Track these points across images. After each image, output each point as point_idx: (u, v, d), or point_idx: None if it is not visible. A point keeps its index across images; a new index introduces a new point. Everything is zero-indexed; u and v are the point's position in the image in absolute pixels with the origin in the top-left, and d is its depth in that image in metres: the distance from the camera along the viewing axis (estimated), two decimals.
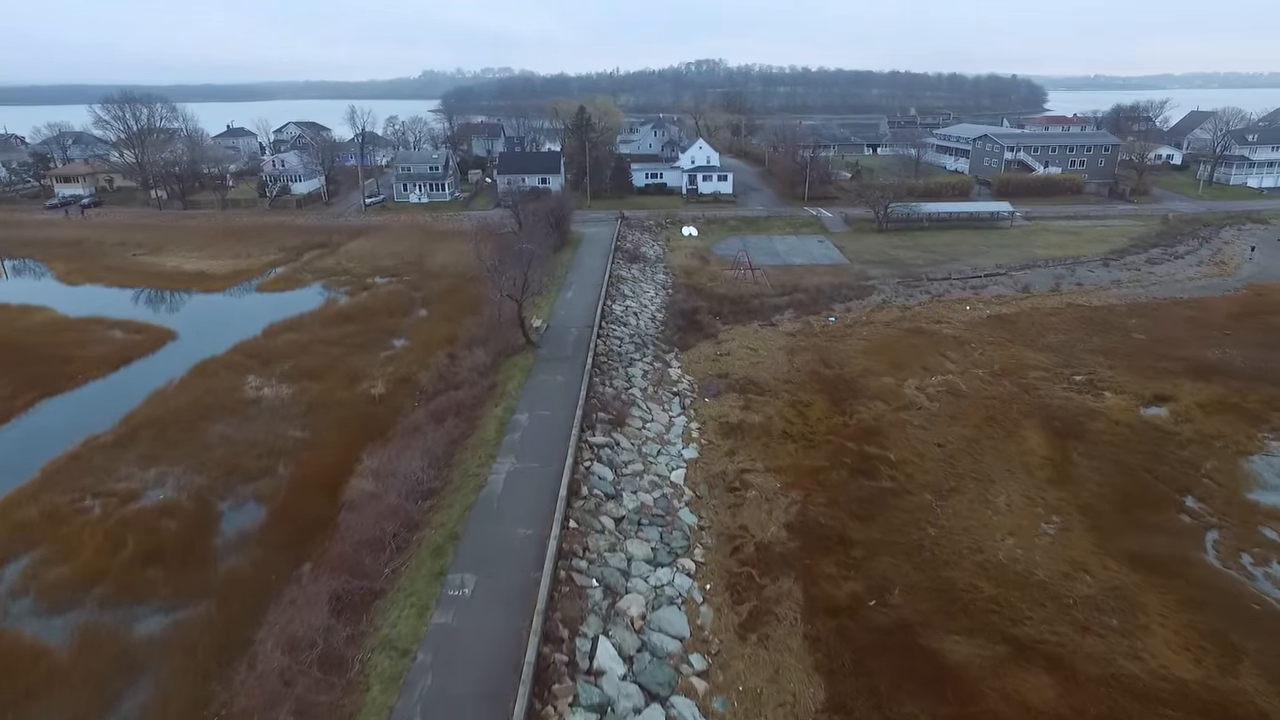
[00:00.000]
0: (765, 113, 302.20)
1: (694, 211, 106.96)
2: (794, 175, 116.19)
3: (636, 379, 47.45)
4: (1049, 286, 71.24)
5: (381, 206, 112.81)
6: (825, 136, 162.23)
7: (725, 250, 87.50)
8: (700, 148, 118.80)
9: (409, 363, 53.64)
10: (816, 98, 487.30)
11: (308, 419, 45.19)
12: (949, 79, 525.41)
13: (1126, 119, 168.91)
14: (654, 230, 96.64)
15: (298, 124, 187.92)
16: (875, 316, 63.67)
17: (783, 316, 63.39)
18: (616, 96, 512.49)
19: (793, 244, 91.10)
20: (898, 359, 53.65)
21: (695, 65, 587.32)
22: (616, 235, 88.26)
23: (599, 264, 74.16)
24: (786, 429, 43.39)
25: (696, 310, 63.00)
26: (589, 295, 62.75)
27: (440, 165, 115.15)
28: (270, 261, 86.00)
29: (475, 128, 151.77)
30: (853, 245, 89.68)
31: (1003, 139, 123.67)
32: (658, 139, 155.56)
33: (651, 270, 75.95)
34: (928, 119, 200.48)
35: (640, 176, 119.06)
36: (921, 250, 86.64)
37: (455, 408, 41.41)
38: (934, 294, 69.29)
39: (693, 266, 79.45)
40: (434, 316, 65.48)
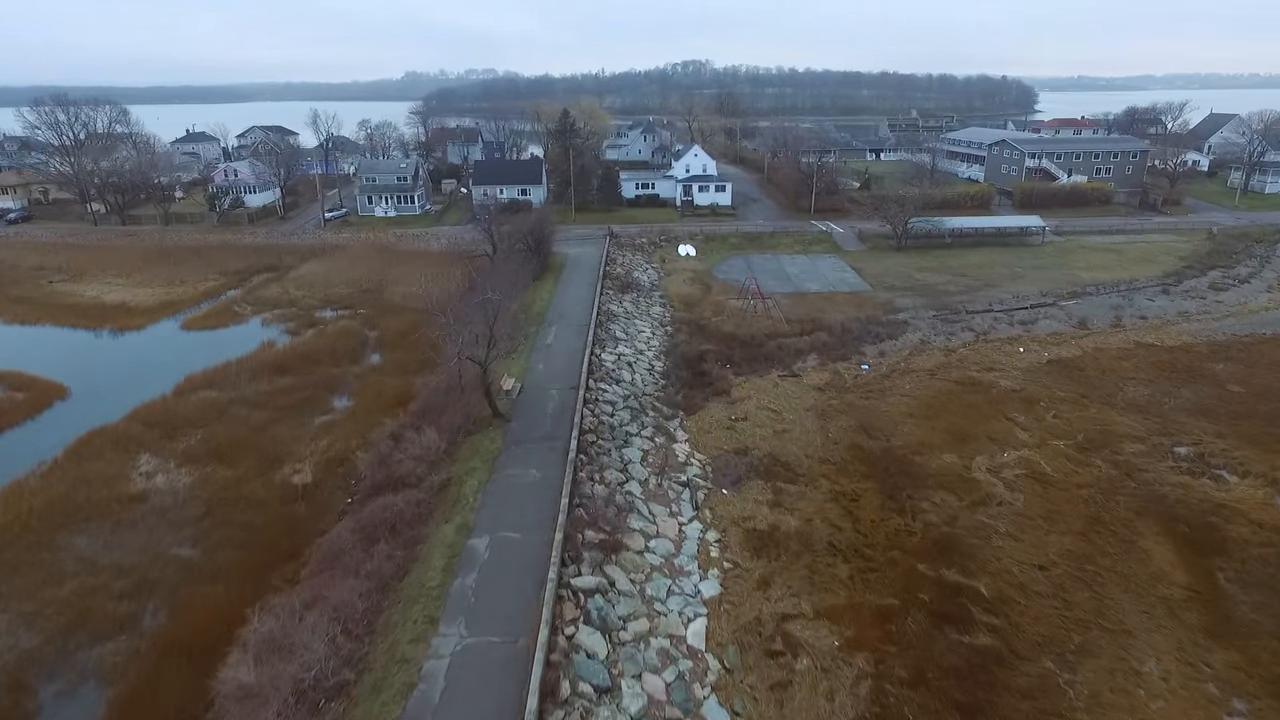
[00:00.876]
0: (756, 114, 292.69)
1: (690, 226, 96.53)
2: (798, 185, 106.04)
3: (634, 465, 36.86)
4: (1109, 320, 61.32)
5: (343, 222, 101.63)
6: (825, 140, 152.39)
7: (728, 273, 77.09)
8: (695, 155, 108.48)
9: (347, 435, 42.81)
10: (806, 99, 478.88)
11: (203, 527, 34.34)
12: (939, 80, 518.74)
13: (1141, 121, 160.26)
14: (647, 250, 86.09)
15: (262, 128, 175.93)
16: (915, 362, 53.40)
17: (805, 363, 52.99)
18: (602, 98, 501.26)
19: (804, 265, 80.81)
20: (956, 425, 43.38)
21: (682, 66, 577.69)
22: (605, 257, 77.65)
23: (585, 295, 63.52)
24: (833, 538, 32.98)
25: (703, 357, 52.50)
26: (573, 340, 52.05)
27: (409, 175, 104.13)
28: (206, 290, 74.73)
29: (450, 133, 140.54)
30: (871, 267, 79.52)
31: (1023, 145, 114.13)
32: (648, 144, 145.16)
33: (646, 301, 65.37)
34: (930, 122, 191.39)
35: (630, 187, 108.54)
36: (950, 273, 76.61)
37: (392, 521, 30.68)
38: (978, 331, 59.13)
39: (693, 295, 68.96)
40: (388, 365, 54.62)
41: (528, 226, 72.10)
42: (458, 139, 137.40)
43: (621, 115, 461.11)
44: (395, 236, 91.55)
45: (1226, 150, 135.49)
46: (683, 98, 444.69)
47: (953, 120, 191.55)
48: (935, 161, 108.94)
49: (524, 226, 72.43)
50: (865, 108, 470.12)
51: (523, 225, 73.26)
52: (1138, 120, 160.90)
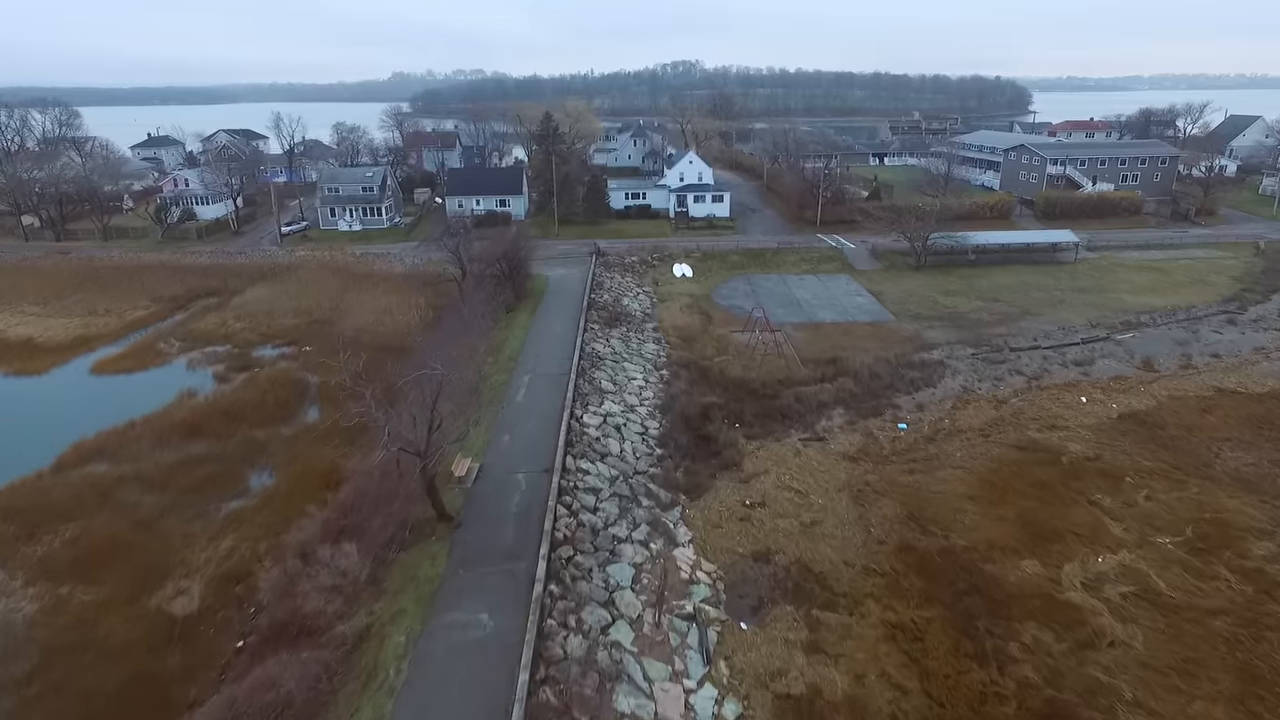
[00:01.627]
0: (748, 115, 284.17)
1: (685, 241, 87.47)
2: (802, 194, 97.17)
3: (623, 591, 27.72)
4: (1176, 359, 52.59)
5: (302, 237, 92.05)
6: (826, 144, 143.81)
7: (730, 298, 68.06)
8: (690, 162, 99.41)
9: (257, 533, 33.46)
10: (798, 100, 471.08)
11: (21, 699, 24.91)
12: (932, 80, 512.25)
13: (1158, 124, 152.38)
14: (638, 270, 76.90)
15: (228, 132, 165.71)
16: (962, 418, 44.47)
17: (831, 421, 43.97)
18: (591, 99, 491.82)
19: (814, 288, 71.87)
20: (1029, 513, 34.42)
21: (671, 66, 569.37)
22: (590, 280, 68.46)
23: (566, 331, 54.29)
24: (897, 709, 23.95)
25: (707, 414, 43.41)
26: (549, 395, 42.84)
27: (376, 185, 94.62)
28: (133, 321, 65.09)
29: (426, 137, 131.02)
30: (890, 289, 70.68)
31: (1044, 150, 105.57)
32: (638, 149, 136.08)
33: (638, 338, 56.18)
34: (933, 124, 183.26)
35: (619, 197, 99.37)
36: (980, 298, 67.87)
37: (278, 711, 21.37)
38: (1028, 375, 50.23)
39: (692, 327, 59.85)
40: (326, 425, 45.16)
41: (501, 248, 62.77)
42: (433, 144, 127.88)
43: (611, 117, 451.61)
44: (356, 255, 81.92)
45: (1253, 154, 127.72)
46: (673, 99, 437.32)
47: (956, 122, 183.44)
48: (950, 168, 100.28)
49: (497, 248, 63.08)
50: (859, 109, 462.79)
51: (496, 246, 63.89)
52: (1153, 122, 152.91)
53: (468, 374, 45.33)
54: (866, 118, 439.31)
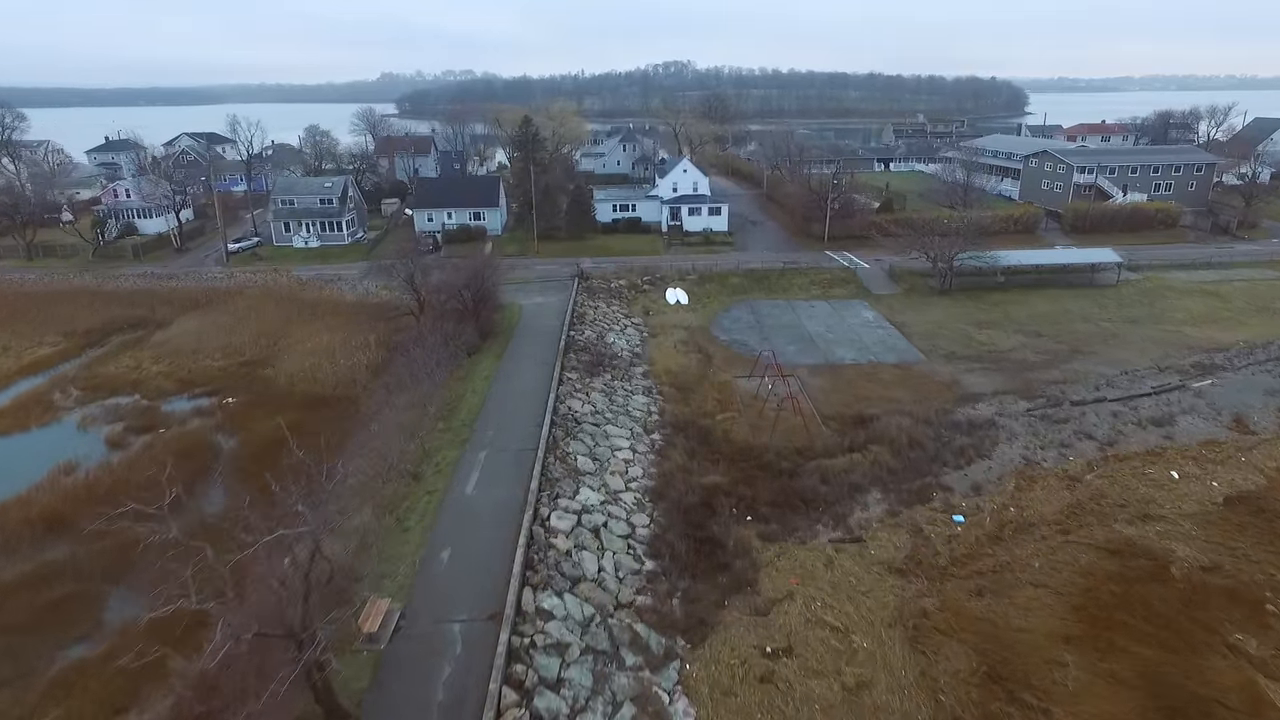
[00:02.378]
0: (742, 117, 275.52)
1: (680, 260, 78.24)
2: (808, 206, 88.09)
3: None
4: (1274, 416, 43.70)
5: (252, 255, 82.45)
6: (828, 149, 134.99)
7: (733, 331, 58.90)
8: (685, 170, 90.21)
9: (87, 710, 24.05)
10: (792, 101, 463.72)
11: None
12: (928, 81, 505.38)
13: (1177, 126, 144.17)
14: (625, 296, 67.64)
15: (191, 135, 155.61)
16: (1031, 503, 35.38)
17: (867, 510, 34.81)
18: (581, 100, 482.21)
19: (827, 317, 62.79)
20: (1153, 668, 25.31)
21: (663, 67, 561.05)
22: (571, 311, 59.16)
23: (538, 382, 44.96)
24: None
25: (710, 502, 34.24)
26: (507, 486, 33.47)
27: (335, 196, 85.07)
28: (32, 363, 55.49)
29: (398, 142, 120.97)
30: (915, 319, 61.70)
31: (1071, 157, 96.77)
32: (627, 154, 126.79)
33: (625, 387, 46.88)
34: (939, 127, 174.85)
35: (606, 210, 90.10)
36: (1020, 330, 58.93)
37: None
38: (1100, 439, 41.20)
39: (688, 372, 50.65)
40: (228, 515, 35.71)
41: (464, 277, 53.33)
42: (406, 149, 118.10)
43: (601, 118, 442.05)
44: (306, 278, 72.26)
45: None
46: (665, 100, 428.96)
47: (962, 125, 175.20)
48: (970, 177, 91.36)
49: (459, 276, 53.66)
50: (854, 110, 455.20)
51: (459, 275, 54.46)
52: (1172, 125, 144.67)
53: (405, 453, 35.98)
54: (862, 119, 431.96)
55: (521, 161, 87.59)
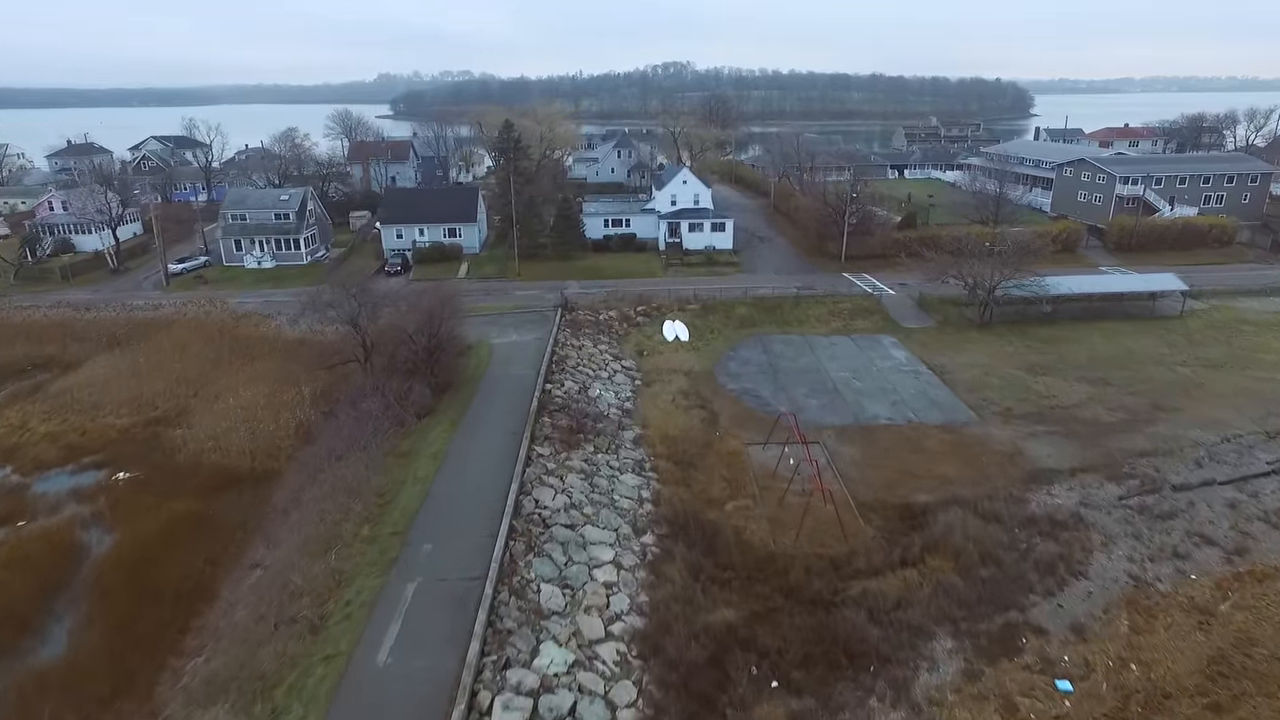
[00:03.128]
0: (743, 119, 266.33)
1: (679, 285, 68.95)
2: (823, 221, 78.75)
3: None
4: None
5: (196, 277, 73.09)
6: (839, 155, 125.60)
7: (742, 378, 49.56)
8: (684, 181, 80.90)
9: None
10: (793, 102, 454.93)
11: None
12: (931, 82, 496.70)
13: (1210, 130, 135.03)
14: (616, 331, 58.31)
15: (159, 139, 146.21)
16: (1155, 657, 25.96)
17: (934, 666, 25.47)
18: (579, 102, 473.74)
19: (852, 358, 53.48)
20: None
21: (662, 68, 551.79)
22: (550, 355, 49.75)
23: (498, 464, 35.46)
24: None
25: (720, 658, 24.93)
26: (436, 646, 23.88)
27: (292, 210, 75.69)
28: None
29: (373, 148, 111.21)
30: (955, 361, 52.44)
31: (1112, 166, 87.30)
32: (622, 161, 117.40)
33: (610, 465, 37.48)
34: (953, 131, 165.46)
35: (597, 225, 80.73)
36: (1081, 375, 49.65)
37: None
38: (1223, 546, 31.71)
39: (690, 436, 41.31)
40: (70, 673, 26.52)
41: (418, 319, 43.88)
42: (382, 155, 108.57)
43: (599, 120, 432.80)
44: (246, 309, 62.73)
45: None
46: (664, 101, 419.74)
47: (978, 129, 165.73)
48: (1003, 187, 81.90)
49: (414, 318, 44.21)
50: (857, 111, 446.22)
51: (414, 314, 45.01)
52: (1205, 129, 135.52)
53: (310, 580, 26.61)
54: (866, 121, 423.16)
55: (503, 170, 78.20)
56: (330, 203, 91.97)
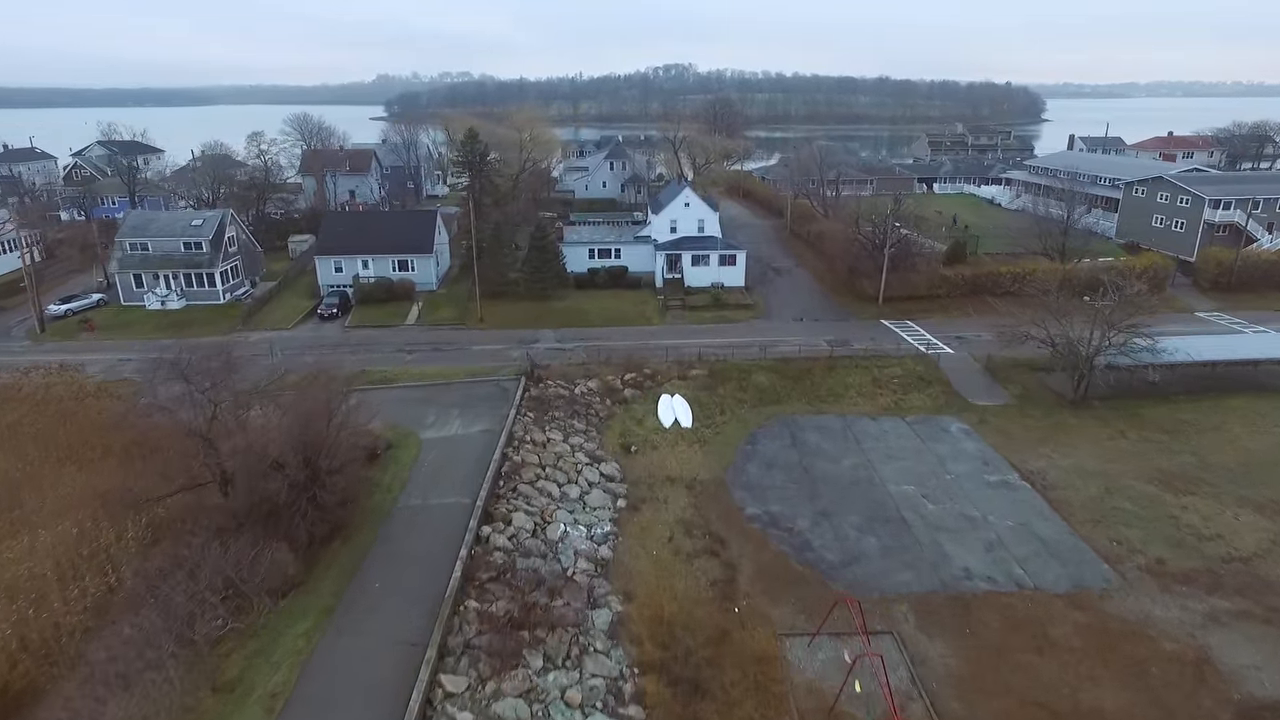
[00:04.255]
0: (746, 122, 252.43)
1: (680, 337, 54.85)
2: (854, 252, 64.64)
3: None
4: None
5: (81, 321, 58.96)
6: (860, 167, 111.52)
7: (764, 493, 35.30)
8: (686, 204, 66.82)
9: None
10: (798, 106, 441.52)
11: None
12: (940, 86, 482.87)
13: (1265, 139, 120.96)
14: (595, 413, 44.00)
15: (104, 143, 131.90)
16: None
17: None
18: (577, 104, 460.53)
19: (914, 457, 39.22)
20: None
21: (664, 70, 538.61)
22: (498, 464, 35.51)
23: (380, 703, 21.34)
24: None
25: None
26: None
27: (206, 238, 61.54)
28: None
29: (328, 157, 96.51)
30: (1058, 467, 38.24)
31: (1200, 187, 72.79)
32: (615, 174, 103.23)
33: (566, 695, 23.19)
34: (981, 139, 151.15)
35: (580, 256, 66.55)
36: (1237, 492, 35.53)
37: None
38: None
39: (694, 621, 27.13)
40: None
41: (289, 434, 29.48)
42: (337, 166, 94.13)
43: (598, 123, 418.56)
44: (106, 378, 48.22)
45: None
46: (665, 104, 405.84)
47: (1008, 137, 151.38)
48: (1072, 211, 67.59)
49: (280, 435, 29.83)
50: (864, 115, 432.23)
51: (289, 421, 30.63)
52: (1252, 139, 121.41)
53: None
54: (873, 125, 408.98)
55: (470, 191, 64.07)
56: (270, 223, 77.89)
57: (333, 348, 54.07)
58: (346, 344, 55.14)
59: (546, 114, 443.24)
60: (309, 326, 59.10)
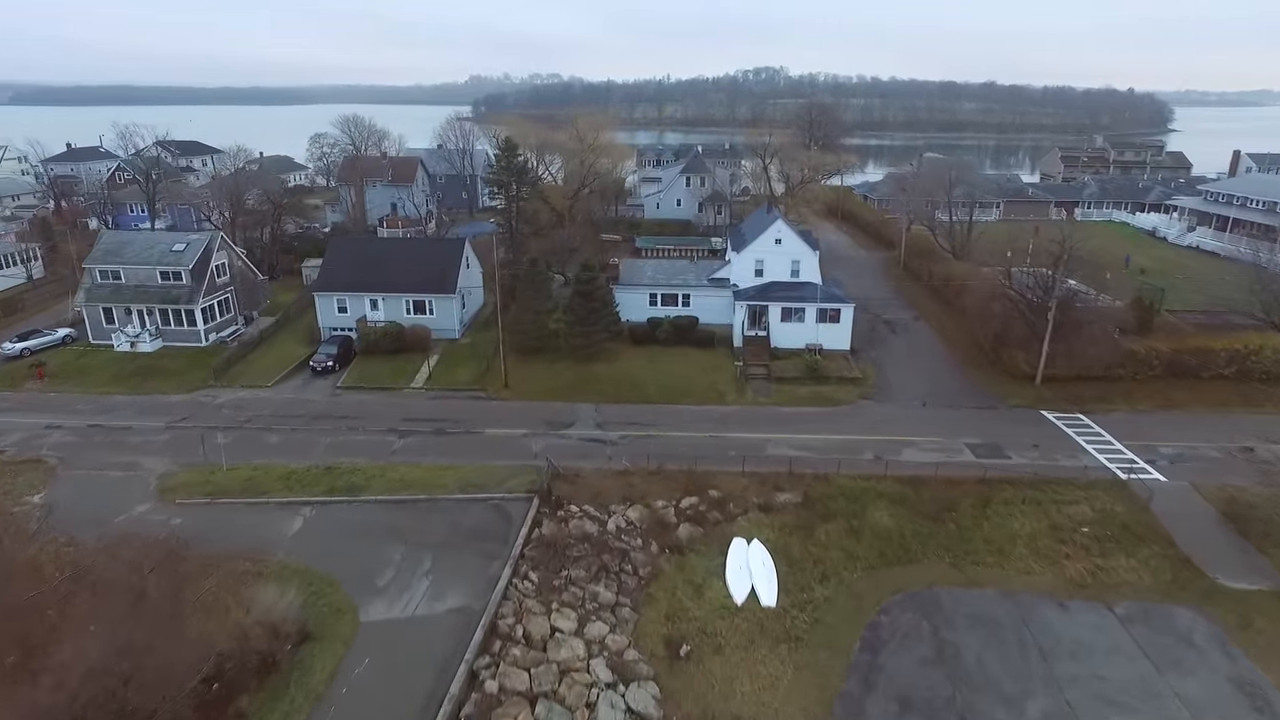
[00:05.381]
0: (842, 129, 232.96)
1: (763, 431, 40.12)
2: (1000, 313, 48.25)
3: None
4: None
5: (33, 365, 48.74)
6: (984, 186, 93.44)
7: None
8: (777, 240, 51.87)
9: None
10: (896, 111, 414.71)
11: None
12: (1056, 92, 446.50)
13: None
14: (633, 567, 29.75)
15: (164, 144, 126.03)
16: None
17: None
18: (662, 107, 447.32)
19: (1138, 701, 23.39)
20: None
21: (753, 73, 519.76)
22: (461, 691, 21.93)
23: None
24: None
25: None
26: None
27: (186, 267, 50.66)
28: None
29: (367, 165, 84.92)
30: None
31: None
32: (692, 191, 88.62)
33: None
34: (1125, 154, 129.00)
35: (639, 303, 52.57)
36: None
37: None
38: None
39: None
40: None
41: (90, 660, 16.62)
42: (380, 175, 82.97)
43: (683, 127, 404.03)
44: (27, 448, 37.23)
45: None
46: (754, 109, 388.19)
47: (1160, 152, 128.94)
48: None
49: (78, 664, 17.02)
50: (969, 123, 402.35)
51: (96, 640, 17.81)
52: None
53: None
54: (979, 134, 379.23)
55: (503, 214, 51.15)
56: (281, 245, 67.20)
57: (307, 422, 41.86)
58: (329, 414, 42.89)
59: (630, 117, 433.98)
60: (295, 384, 47.22)
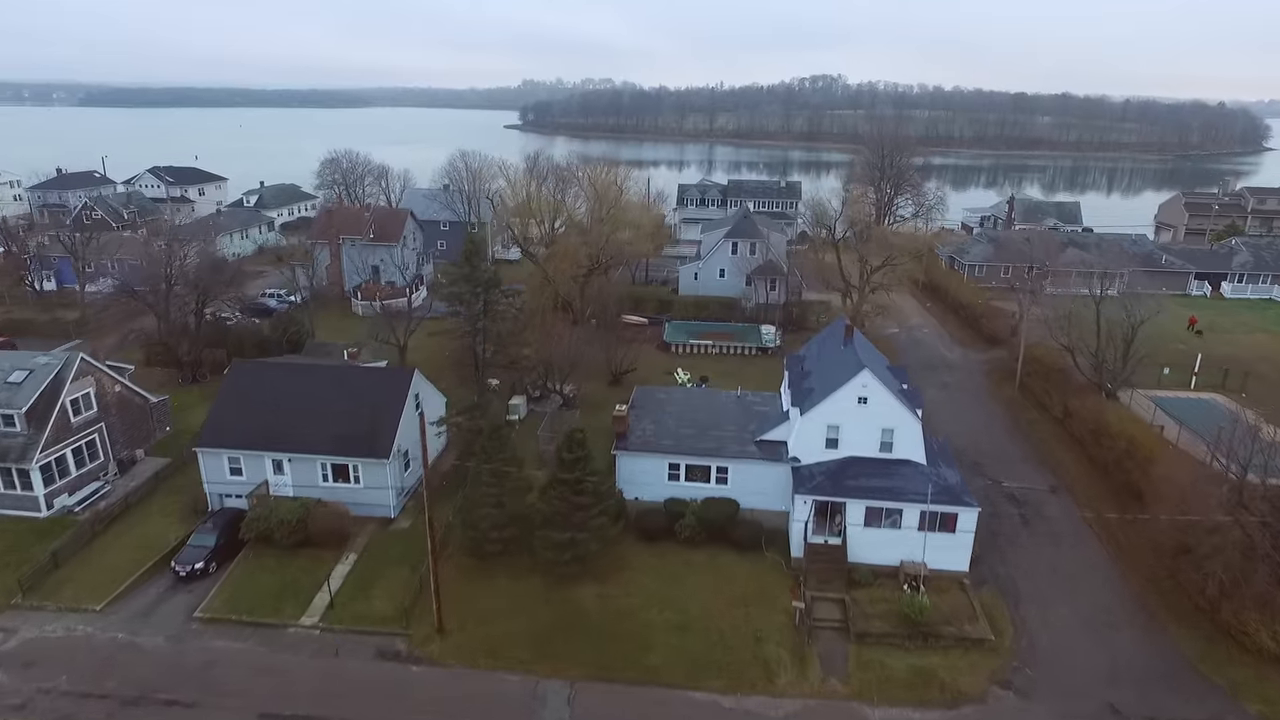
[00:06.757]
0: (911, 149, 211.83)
1: None
2: (1219, 548, 30.46)
3: None
4: None
5: None
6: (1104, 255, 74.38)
7: None
8: (861, 397, 34.76)
9: None
10: (964, 126, 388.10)
11: None
12: (1139, 106, 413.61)
13: None
14: None
15: (158, 171, 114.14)
16: None
17: None
18: (714, 118, 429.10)
19: None
20: None
21: (810, 81, 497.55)
22: None
23: None
24: None
25: None
26: None
27: (20, 410, 36.09)
28: None
29: (347, 219, 68.43)
30: None
31: None
32: (739, 261, 70.43)
33: None
34: (1266, 202, 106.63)
35: (655, 475, 36.18)
36: None
37: None
38: None
39: None
40: None
41: None
42: (359, 231, 67.33)
43: (735, 140, 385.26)
44: None
45: None
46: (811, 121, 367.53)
47: None
48: None
49: None
50: (1043, 139, 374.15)
51: None
52: None
53: None
54: (1053, 152, 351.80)
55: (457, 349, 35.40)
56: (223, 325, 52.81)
57: (113, 710, 26.57)
58: (155, 690, 27.46)
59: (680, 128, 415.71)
60: (141, 602, 31.85)
